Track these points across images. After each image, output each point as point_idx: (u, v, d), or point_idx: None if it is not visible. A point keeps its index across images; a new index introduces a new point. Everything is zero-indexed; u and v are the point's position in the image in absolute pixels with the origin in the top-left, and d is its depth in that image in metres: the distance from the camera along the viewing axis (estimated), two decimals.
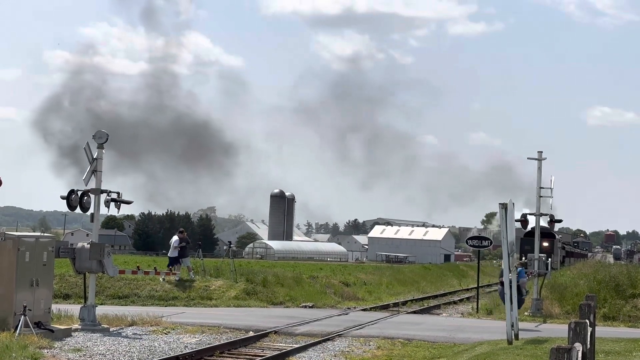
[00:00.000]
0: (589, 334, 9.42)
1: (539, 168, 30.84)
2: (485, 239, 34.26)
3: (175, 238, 32.08)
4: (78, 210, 21.48)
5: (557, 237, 50.47)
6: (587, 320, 9.77)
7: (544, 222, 34.14)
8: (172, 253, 31.93)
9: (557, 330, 22.21)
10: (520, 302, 23.65)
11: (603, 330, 21.14)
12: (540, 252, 30.81)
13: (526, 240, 57.68)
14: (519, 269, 23.76)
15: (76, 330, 20.15)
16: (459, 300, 40.50)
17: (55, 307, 21.57)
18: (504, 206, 19.42)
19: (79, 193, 21.12)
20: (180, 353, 17.21)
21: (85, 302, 21.46)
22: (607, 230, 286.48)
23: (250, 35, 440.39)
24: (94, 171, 21.17)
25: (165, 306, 28.11)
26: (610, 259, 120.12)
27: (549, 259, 30.70)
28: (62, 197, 21.08)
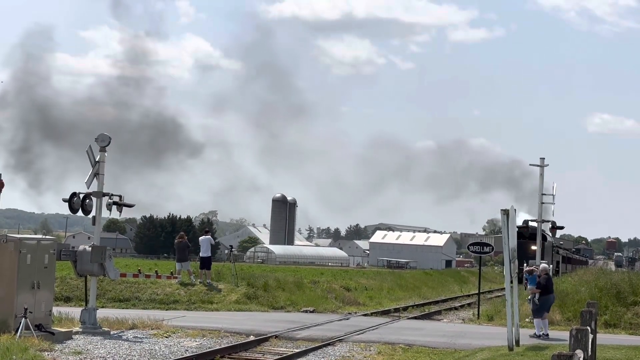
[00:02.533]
0: (590, 341, 9.41)
1: (541, 175, 30.86)
2: (487, 244, 34.23)
3: (204, 237, 32.30)
4: (80, 213, 21.49)
5: (548, 239, 47.45)
6: (589, 327, 9.76)
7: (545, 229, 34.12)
8: (205, 252, 31.87)
9: (558, 337, 22.18)
10: (540, 310, 23.39)
11: (604, 338, 21.11)
12: (526, 257, 30.79)
13: None
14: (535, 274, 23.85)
15: (77, 333, 20.15)
16: (460, 306, 40.43)
17: (56, 310, 21.56)
18: (505, 212, 19.41)
19: (81, 196, 21.14)
20: (181, 357, 17.20)
21: (86, 305, 21.46)
22: (609, 237, 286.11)
23: (248, 39, 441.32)
24: (96, 174, 21.18)
25: (166, 310, 28.11)
26: (611, 266, 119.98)
27: (550, 265, 30.64)
28: (64, 200, 21.10)
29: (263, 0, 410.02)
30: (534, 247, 46.31)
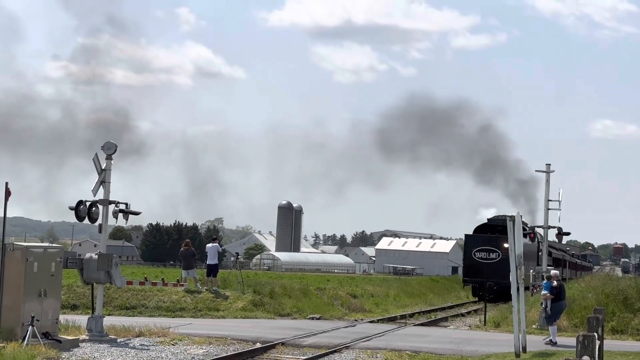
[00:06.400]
0: (597, 347, 9.40)
1: (547, 181, 30.77)
2: (493, 251, 34.15)
3: (211, 245, 32.36)
4: (86, 221, 21.52)
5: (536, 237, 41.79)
6: (595, 334, 9.76)
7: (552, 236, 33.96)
8: (212, 260, 31.90)
9: (565, 343, 22.14)
10: (551, 317, 23.27)
11: (611, 344, 21.08)
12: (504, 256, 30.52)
13: (475, 238, 49.61)
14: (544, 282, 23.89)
15: (84, 340, 20.17)
16: (466, 312, 40.32)
17: (63, 318, 21.59)
18: (512, 219, 19.40)
19: (87, 204, 21.17)
20: None
21: (92, 312, 21.48)
22: (616, 243, 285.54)
23: (250, 46, 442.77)
24: (102, 182, 21.22)
25: (173, 317, 28.12)
26: (618, 272, 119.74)
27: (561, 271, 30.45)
28: (71, 208, 21.12)
29: (262, 9, 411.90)
30: (506, 245, 43.78)
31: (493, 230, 47.62)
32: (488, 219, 50.82)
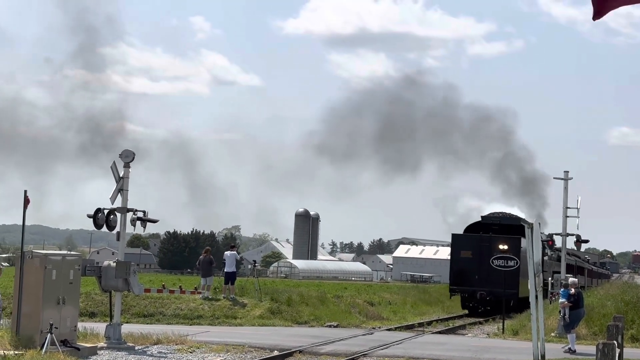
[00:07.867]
0: (617, 355, 9.34)
1: (565, 188, 30.65)
2: (512, 258, 33.91)
3: (229, 252, 32.39)
4: (104, 229, 21.60)
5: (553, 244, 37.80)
6: (615, 342, 9.69)
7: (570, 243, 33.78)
8: (230, 267, 31.96)
9: (584, 351, 21.99)
10: (569, 325, 23.18)
11: (631, 352, 20.92)
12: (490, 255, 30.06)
13: (464, 238, 43.55)
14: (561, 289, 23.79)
15: (102, 348, 20.22)
16: (484, 320, 40.14)
17: (81, 325, 21.64)
18: (530, 226, 19.29)
19: (106, 212, 21.25)
20: None
21: (110, 320, 21.54)
22: (635, 251, 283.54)
23: (265, 54, 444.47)
24: (120, 190, 21.29)
25: (191, 325, 28.15)
26: (637, 279, 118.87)
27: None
28: (89, 216, 21.21)
29: (277, 17, 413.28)
30: (502, 247, 39.41)
31: (486, 230, 42.82)
32: (482, 217, 45.70)
